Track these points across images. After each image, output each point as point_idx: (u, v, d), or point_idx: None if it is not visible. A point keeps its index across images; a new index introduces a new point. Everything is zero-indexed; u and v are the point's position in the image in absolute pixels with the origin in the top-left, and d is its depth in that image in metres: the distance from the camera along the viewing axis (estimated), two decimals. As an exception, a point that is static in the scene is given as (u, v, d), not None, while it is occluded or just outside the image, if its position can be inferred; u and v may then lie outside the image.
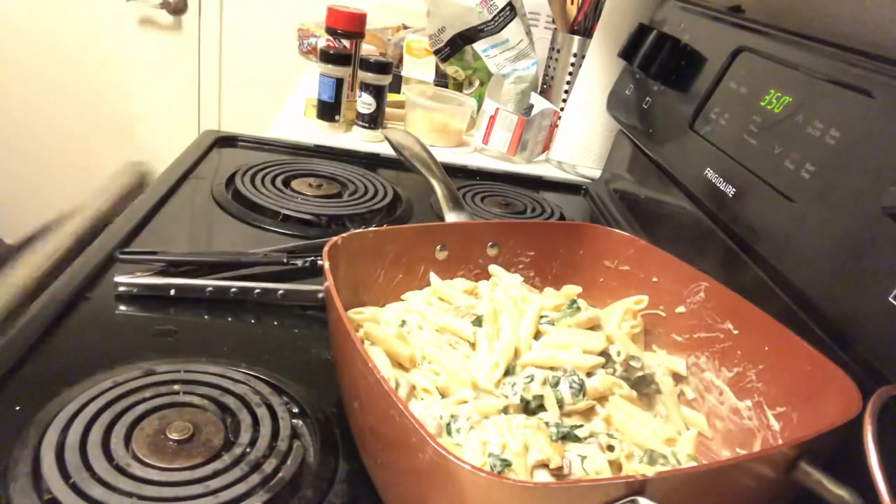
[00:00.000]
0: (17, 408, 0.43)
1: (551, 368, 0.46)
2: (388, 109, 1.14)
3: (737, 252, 0.60)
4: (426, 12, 1.18)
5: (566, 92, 1.20)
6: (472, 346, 0.49)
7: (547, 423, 0.42)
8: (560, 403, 0.45)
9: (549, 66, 1.24)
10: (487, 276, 0.58)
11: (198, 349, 0.52)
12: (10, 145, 2.03)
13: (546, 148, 1.17)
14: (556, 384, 0.45)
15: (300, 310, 0.60)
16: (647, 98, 0.85)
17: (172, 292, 0.58)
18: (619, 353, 0.48)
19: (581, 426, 0.43)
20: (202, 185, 0.81)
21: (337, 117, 1.10)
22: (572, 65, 1.19)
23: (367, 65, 1.06)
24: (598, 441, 0.42)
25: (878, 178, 0.45)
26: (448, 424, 0.41)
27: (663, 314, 0.55)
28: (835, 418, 0.35)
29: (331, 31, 1.11)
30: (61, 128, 2.02)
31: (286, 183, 0.84)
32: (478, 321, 0.50)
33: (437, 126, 1.14)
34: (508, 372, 0.47)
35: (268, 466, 0.41)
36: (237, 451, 0.42)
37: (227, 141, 0.97)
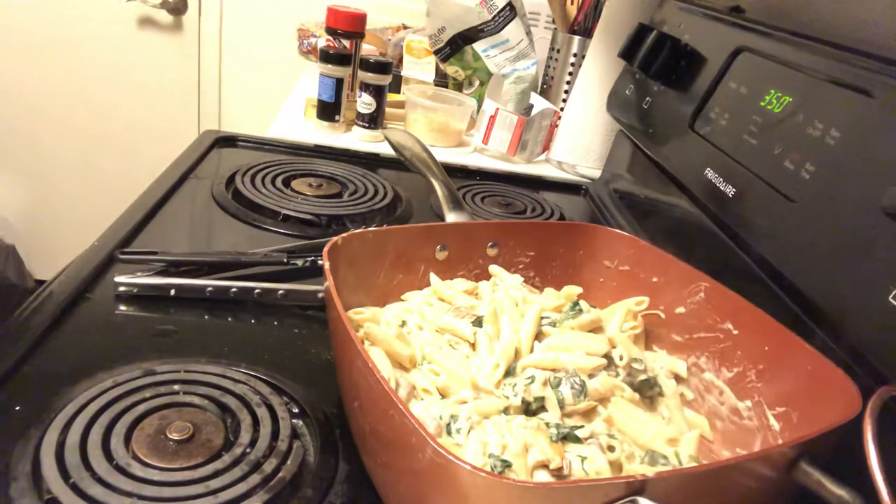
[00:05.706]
0: (17, 408, 0.43)
1: (553, 370, 0.46)
2: (388, 109, 1.14)
3: (737, 252, 0.60)
4: (426, 12, 1.18)
5: (566, 92, 1.20)
6: (473, 346, 0.49)
7: (547, 424, 0.42)
8: (561, 404, 0.45)
9: (549, 66, 1.24)
10: (487, 277, 0.58)
11: (198, 349, 0.52)
12: (9, 146, 2.03)
13: (546, 148, 1.17)
14: (558, 385, 0.45)
15: (300, 310, 0.60)
16: (647, 98, 0.85)
17: (172, 292, 0.58)
18: (621, 357, 0.48)
19: (582, 427, 0.43)
20: (202, 185, 0.81)
21: (337, 117, 1.10)
22: (572, 65, 1.19)
23: (367, 65, 1.06)
24: (598, 442, 0.42)
25: (878, 178, 0.45)
26: (448, 425, 0.41)
27: (663, 315, 0.55)
28: (835, 418, 0.35)
29: (331, 31, 1.11)
30: (60, 128, 2.02)
31: (286, 183, 0.84)
32: (478, 322, 0.50)
33: (437, 126, 1.14)
34: (509, 373, 0.47)
35: (268, 466, 0.41)
36: (237, 451, 0.42)
37: (227, 141, 0.97)
